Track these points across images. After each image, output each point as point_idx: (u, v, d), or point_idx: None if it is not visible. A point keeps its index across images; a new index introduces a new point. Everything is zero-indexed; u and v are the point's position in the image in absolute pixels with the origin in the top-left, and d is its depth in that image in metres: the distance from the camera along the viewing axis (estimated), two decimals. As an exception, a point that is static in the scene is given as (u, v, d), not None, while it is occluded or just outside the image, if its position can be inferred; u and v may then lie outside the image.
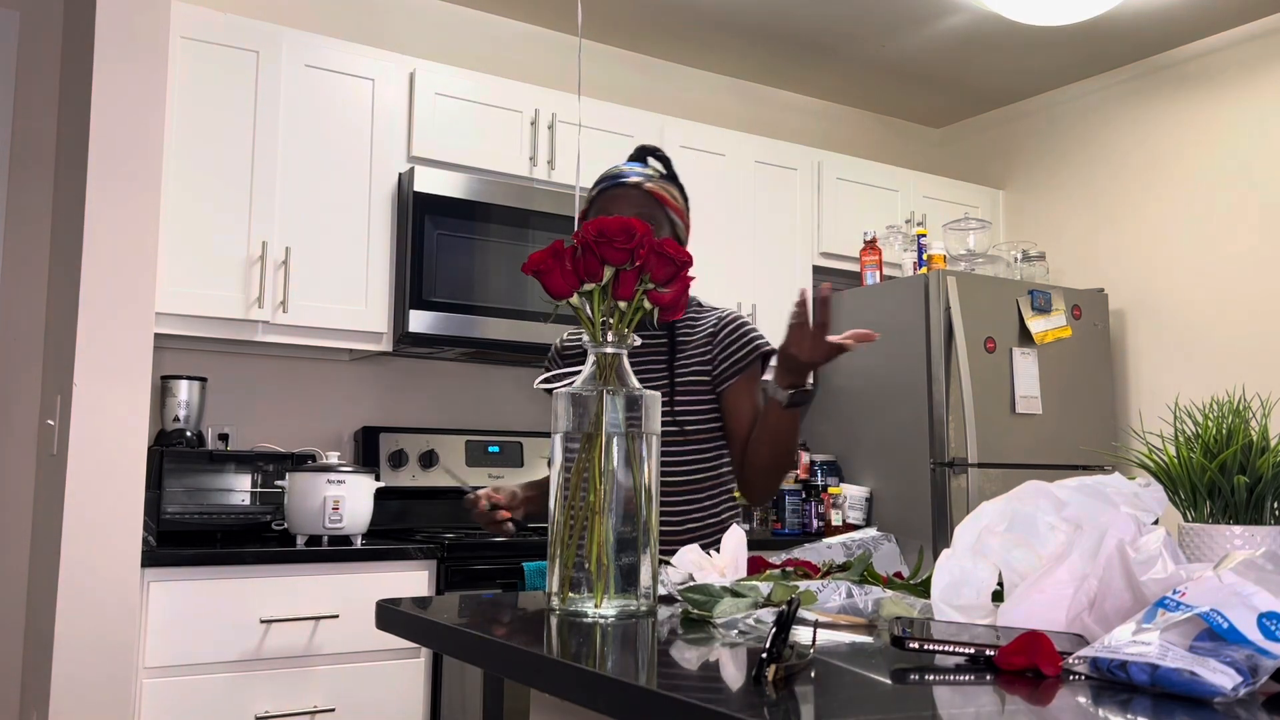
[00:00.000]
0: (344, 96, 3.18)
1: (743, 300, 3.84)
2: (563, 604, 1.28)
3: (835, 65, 4.30)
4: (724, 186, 3.86)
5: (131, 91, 2.59)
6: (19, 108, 3.08)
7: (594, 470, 1.29)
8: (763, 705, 0.82)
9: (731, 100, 4.42)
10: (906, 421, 3.65)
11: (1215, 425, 1.21)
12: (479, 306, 3.21)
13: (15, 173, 3.07)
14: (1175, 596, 0.89)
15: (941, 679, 0.92)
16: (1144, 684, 0.84)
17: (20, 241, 3.06)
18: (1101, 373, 3.95)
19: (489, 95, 3.40)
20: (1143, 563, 1.00)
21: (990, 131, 4.81)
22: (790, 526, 3.80)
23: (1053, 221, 4.51)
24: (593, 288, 1.34)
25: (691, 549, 1.55)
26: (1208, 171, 3.99)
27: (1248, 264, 3.84)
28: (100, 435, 2.49)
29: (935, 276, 3.61)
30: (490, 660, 1.13)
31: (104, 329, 2.51)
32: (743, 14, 3.86)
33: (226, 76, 3.00)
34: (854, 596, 1.33)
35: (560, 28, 3.97)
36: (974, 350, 3.61)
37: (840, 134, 4.70)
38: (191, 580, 2.57)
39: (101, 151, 2.55)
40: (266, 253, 2.99)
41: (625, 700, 0.89)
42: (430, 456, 3.40)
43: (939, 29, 3.95)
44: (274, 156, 3.04)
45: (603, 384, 1.32)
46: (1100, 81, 4.37)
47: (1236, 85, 3.94)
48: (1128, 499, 1.13)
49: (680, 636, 1.17)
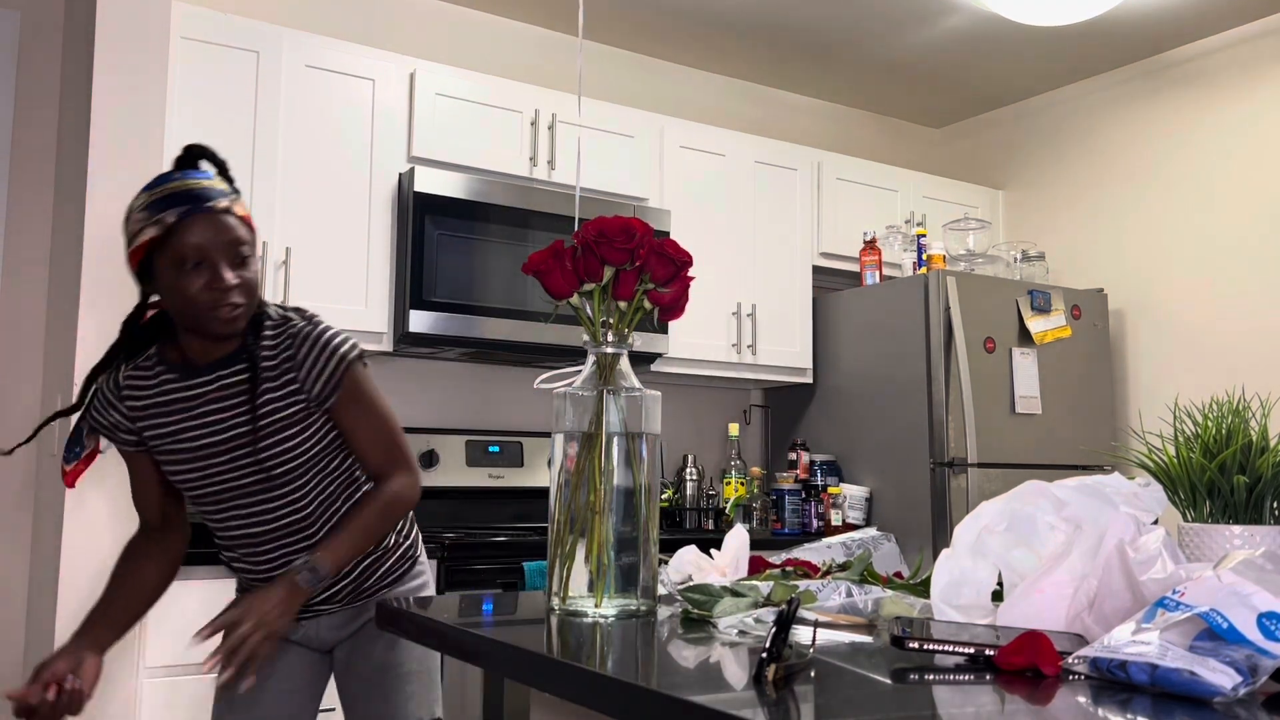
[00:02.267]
0: (344, 96, 3.18)
1: (742, 300, 3.84)
2: (563, 604, 1.28)
3: (835, 65, 4.30)
4: (724, 187, 3.86)
5: (131, 91, 2.59)
6: (19, 108, 3.09)
7: (594, 470, 1.29)
8: (763, 705, 0.82)
9: (731, 100, 4.42)
10: (906, 421, 3.65)
11: (1215, 425, 1.21)
12: (479, 306, 3.21)
13: (15, 173, 3.07)
14: (1175, 596, 0.89)
15: (941, 679, 0.92)
16: (1144, 684, 0.84)
17: (20, 241, 3.06)
18: (1101, 373, 3.95)
19: (489, 95, 3.40)
20: (1142, 563, 1.00)
21: (990, 131, 4.81)
22: (790, 526, 3.80)
23: (1053, 221, 4.51)
24: (593, 288, 1.34)
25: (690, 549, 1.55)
26: (1208, 171, 3.99)
27: (1247, 264, 3.84)
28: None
29: (935, 276, 3.61)
30: (490, 660, 1.13)
31: (104, 329, 2.51)
32: (743, 14, 3.86)
33: (226, 76, 3.01)
34: (854, 596, 1.33)
35: (560, 28, 3.97)
36: (974, 350, 3.61)
37: (840, 134, 4.70)
38: (191, 580, 2.57)
39: (101, 151, 2.55)
40: (266, 253, 2.99)
41: (625, 700, 0.89)
42: (430, 456, 3.40)
43: (939, 29, 3.95)
44: (274, 156, 3.05)
45: (603, 384, 1.32)
46: (1100, 81, 4.37)
47: (1236, 85, 3.94)
48: (1127, 499, 1.13)
49: (680, 636, 1.17)
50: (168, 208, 1.57)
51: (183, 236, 1.56)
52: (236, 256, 1.60)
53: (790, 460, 3.95)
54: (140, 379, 1.69)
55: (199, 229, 1.57)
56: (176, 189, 1.60)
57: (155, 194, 1.59)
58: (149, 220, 1.57)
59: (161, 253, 1.57)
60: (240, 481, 1.68)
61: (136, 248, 1.59)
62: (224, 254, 1.59)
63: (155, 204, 1.58)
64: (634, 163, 3.65)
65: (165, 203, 1.58)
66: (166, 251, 1.57)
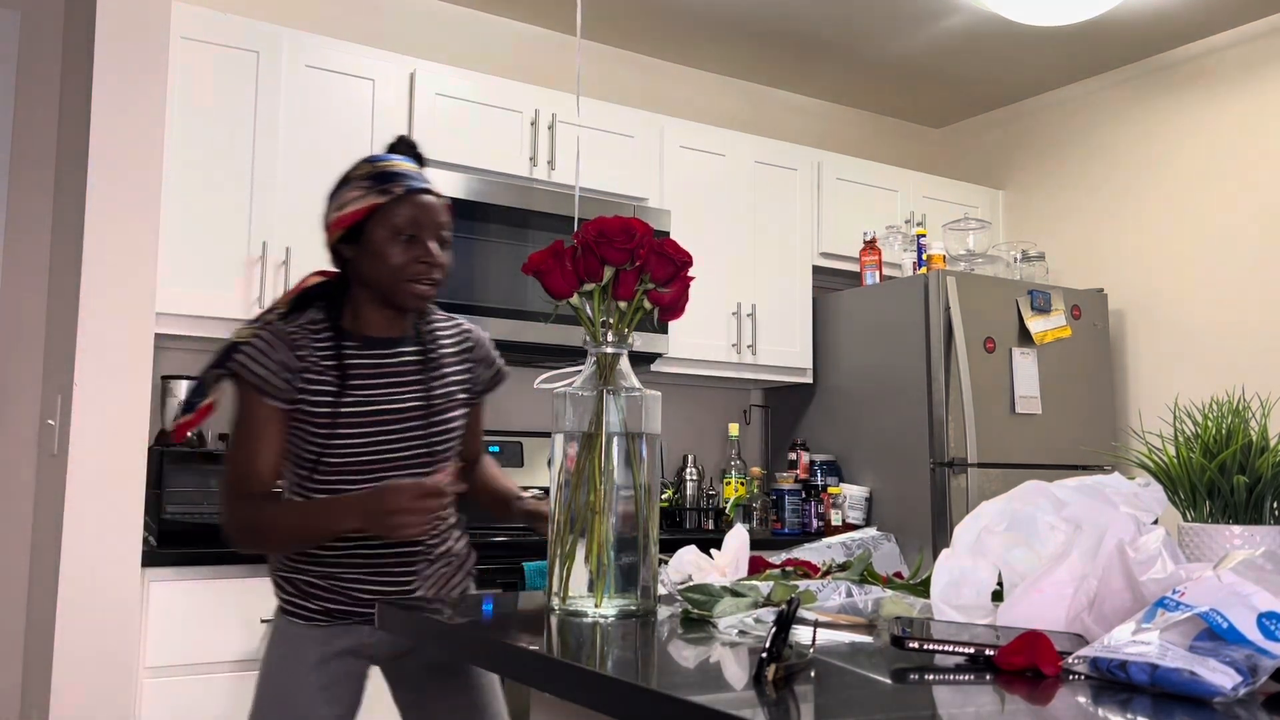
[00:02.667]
0: (344, 96, 3.18)
1: (743, 300, 3.84)
2: (563, 604, 1.28)
3: (835, 65, 4.30)
4: (724, 186, 3.86)
5: (131, 91, 2.59)
6: (19, 108, 3.09)
7: (594, 470, 1.29)
8: (763, 705, 0.82)
9: (731, 100, 4.42)
10: (906, 421, 3.65)
11: (1215, 425, 1.21)
12: (479, 306, 3.21)
13: (15, 172, 3.07)
14: (1175, 596, 0.89)
15: (941, 679, 0.92)
16: (1144, 684, 0.85)
17: (20, 241, 3.06)
18: (1101, 373, 3.95)
19: (489, 95, 3.40)
20: (1142, 563, 1.00)
21: (990, 131, 4.81)
22: (790, 526, 3.80)
23: (1053, 221, 4.51)
24: (593, 288, 1.34)
25: (690, 549, 1.55)
26: (1208, 171, 3.99)
27: (1247, 264, 3.84)
28: (100, 435, 2.49)
29: (935, 276, 3.61)
30: (490, 660, 1.13)
31: (104, 329, 2.51)
32: (743, 14, 3.86)
33: (226, 76, 3.01)
34: (854, 596, 1.33)
35: (560, 28, 3.97)
36: (974, 350, 3.61)
37: (840, 134, 4.70)
38: (191, 580, 2.57)
39: (101, 152, 2.55)
40: (266, 253, 2.99)
41: (625, 700, 0.89)
42: (430, 456, 3.40)
43: (939, 29, 3.95)
44: (274, 156, 3.04)
45: (603, 384, 1.32)
46: (1100, 81, 4.37)
47: (1236, 85, 3.94)
48: (1127, 499, 1.13)
49: (680, 636, 1.17)
50: (393, 180, 1.72)
51: (403, 209, 1.70)
52: (441, 239, 1.75)
53: (790, 460, 3.95)
54: (307, 338, 1.73)
55: (418, 206, 1.71)
56: (401, 168, 1.75)
57: (380, 167, 1.74)
58: (374, 188, 1.71)
59: (379, 220, 1.70)
60: (404, 452, 1.75)
61: (354, 211, 1.71)
62: (433, 233, 1.73)
63: (380, 175, 1.72)
64: (634, 163, 3.65)
65: (390, 177, 1.72)
66: (385, 219, 1.70)
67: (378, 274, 1.72)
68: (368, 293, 1.76)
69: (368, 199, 1.70)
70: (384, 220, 1.70)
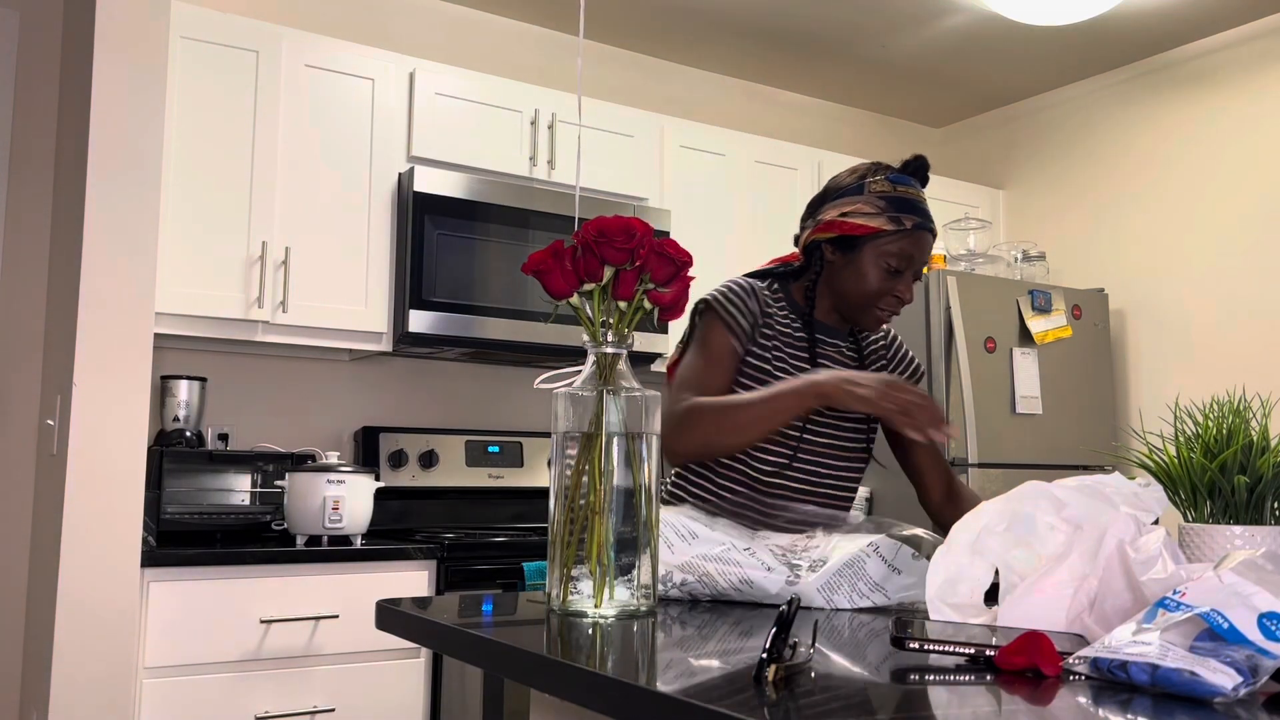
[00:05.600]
0: (344, 96, 3.18)
1: (743, 300, 3.84)
2: (563, 604, 1.28)
3: (835, 65, 4.30)
4: (724, 186, 3.86)
5: (131, 91, 2.59)
6: (19, 108, 3.08)
7: (594, 470, 1.29)
8: (763, 705, 0.82)
9: (731, 100, 4.42)
10: (906, 421, 3.64)
11: (1215, 425, 1.21)
12: (479, 306, 3.21)
13: (15, 172, 3.07)
14: (1175, 596, 0.89)
15: (941, 679, 0.92)
16: (1144, 684, 0.84)
17: (20, 241, 3.06)
18: (1101, 373, 3.95)
19: (489, 95, 3.40)
20: (1143, 563, 1.00)
21: (990, 131, 4.81)
22: (790, 526, 3.80)
23: (1053, 221, 4.51)
24: (593, 288, 1.34)
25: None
26: (1208, 171, 3.99)
27: (1248, 264, 3.84)
28: (100, 435, 2.49)
29: (935, 276, 3.61)
30: (490, 660, 1.13)
31: (104, 329, 2.51)
32: (743, 14, 3.86)
33: (226, 76, 3.00)
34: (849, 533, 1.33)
35: (560, 28, 3.97)
36: (974, 350, 3.61)
37: (840, 134, 4.70)
38: (191, 580, 2.57)
39: (101, 151, 2.54)
40: (266, 253, 2.99)
41: (625, 700, 0.89)
42: (430, 456, 3.40)
43: (939, 29, 3.95)
44: (274, 156, 3.04)
45: (602, 384, 1.32)
46: (1100, 81, 4.37)
47: (1236, 85, 3.94)
48: (1128, 499, 1.13)
49: (680, 636, 1.17)
50: (907, 211, 1.75)
51: (905, 244, 1.74)
52: (918, 275, 1.80)
53: (790, 460, 3.94)
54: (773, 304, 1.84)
55: (918, 244, 1.75)
56: (917, 198, 1.78)
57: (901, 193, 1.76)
58: (887, 211, 1.74)
59: (878, 243, 1.75)
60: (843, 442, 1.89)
61: (859, 225, 1.75)
62: (915, 270, 1.78)
63: (897, 201, 1.75)
64: (634, 163, 3.64)
65: (907, 206, 1.76)
66: (884, 246, 1.75)
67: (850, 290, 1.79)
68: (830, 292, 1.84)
69: (877, 220, 1.73)
70: (882, 247, 1.74)
